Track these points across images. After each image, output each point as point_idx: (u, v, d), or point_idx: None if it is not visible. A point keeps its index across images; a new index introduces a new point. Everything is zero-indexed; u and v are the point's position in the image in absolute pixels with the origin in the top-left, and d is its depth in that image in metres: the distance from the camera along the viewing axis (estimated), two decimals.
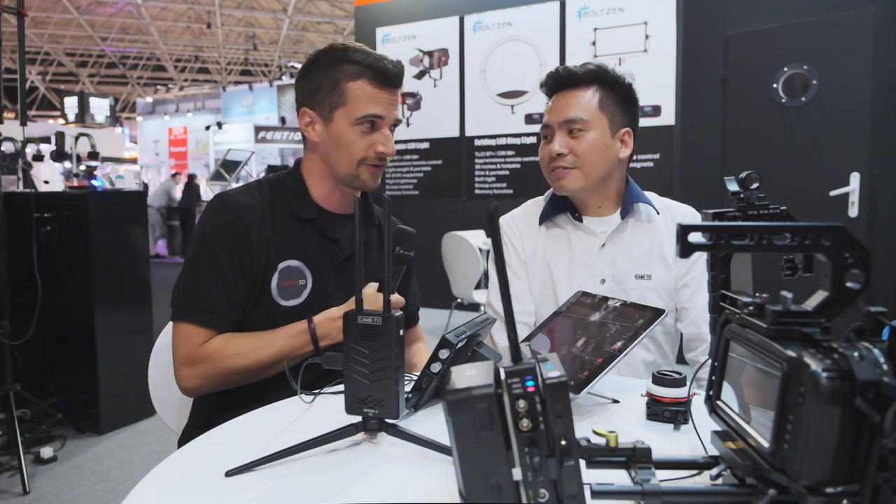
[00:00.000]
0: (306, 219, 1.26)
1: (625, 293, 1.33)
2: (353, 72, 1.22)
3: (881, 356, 0.46)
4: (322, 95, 1.24)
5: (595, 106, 1.34)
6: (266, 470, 0.76)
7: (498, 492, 0.50)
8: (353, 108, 1.22)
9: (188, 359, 1.16)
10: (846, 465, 0.46)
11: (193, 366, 1.16)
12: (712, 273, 0.76)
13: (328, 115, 1.24)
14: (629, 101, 1.38)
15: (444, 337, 0.96)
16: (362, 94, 1.22)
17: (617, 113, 1.35)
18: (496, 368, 0.53)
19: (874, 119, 3.36)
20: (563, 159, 1.34)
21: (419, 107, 5.51)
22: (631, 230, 1.39)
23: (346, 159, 1.24)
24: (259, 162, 13.09)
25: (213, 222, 1.21)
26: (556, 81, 1.38)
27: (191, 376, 1.16)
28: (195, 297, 1.18)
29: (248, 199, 1.23)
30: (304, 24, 17.08)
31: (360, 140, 1.23)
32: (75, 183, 3.45)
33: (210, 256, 1.19)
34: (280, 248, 1.22)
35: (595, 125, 1.33)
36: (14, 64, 3.23)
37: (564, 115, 1.34)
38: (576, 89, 1.35)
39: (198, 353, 1.16)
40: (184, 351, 1.17)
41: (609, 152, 1.34)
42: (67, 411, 3.06)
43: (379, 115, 1.22)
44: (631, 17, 4.50)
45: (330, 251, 1.27)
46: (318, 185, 1.30)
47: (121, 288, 3.18)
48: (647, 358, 1.36)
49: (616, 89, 1.36)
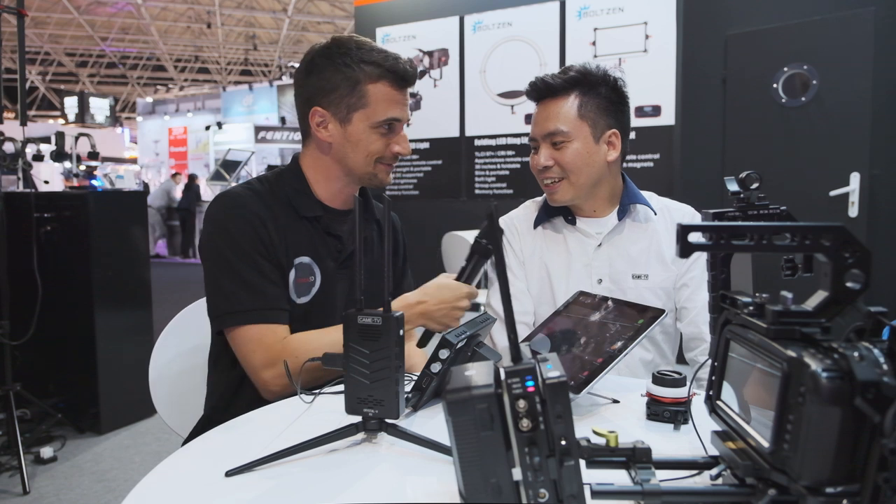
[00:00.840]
0: (311, 217, 1.25)
1: (622, 293, 1.33)
2: (373, 74, 1.20)
3: (881, 356, 0.46)
4: (339, 96, 1.20)
5: (574, 115, 1.33)
6: (266, 470, 0.76)
7: (498, 492, 0.50)
8: (373, 111, 1.21)
9: (268, 361, 1.12)
10: (846, 465, 0.46)
11: (275, 366, 1.11)
12: (712, 273, 0.76)
13: (346, 117, 1.21)
14: (614, 101, 1.36)
15: (444, 337, 0.96)
16: (383, 97, 1.21)
17: (600, 118, 1.34)
18: (496, 368, 0.53)
19: (874, 119, 3.36)
20: (550, 171, 1.35)
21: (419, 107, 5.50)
22: (628, 231, 1.39)
23: (364, 159, 1.23)
24: (259, 162, 13.09)
25: (234, 222, 1.17)
26: (535, 92, 1.37)
27: (275, 377, 1.12)
28: (250, 298, 1.14)
29: (255, 196, 1.21)
30: (304, 24, 17.08)
31: (378, 141, 1.23)
32: (75, 183, 3.45)
33: (245, 256, 1.15)
34: (292, 244, 1.21)
35: (577, 135, 1.32)
36: (14, 64, 3.23)
37: (545, 128, 1.34)
38: (555, 99, 1.34)
39: (277, 352, 1.12)
40: (260, 354, 1.12)
41: (594, 159, 1.34)
42: (67, 411, 3.06)
43: (398, 118, 1.23)
44: (631, 17, 4.50)
45: (334, 248, 1.27)
46: (323, 182, 1.28)
47: (121, 288, 3.18)
48: (645, 357, 1.36)
49: (599, 92, 1.34)
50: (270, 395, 1.14)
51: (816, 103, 3.57)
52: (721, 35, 3.95)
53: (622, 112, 1.37)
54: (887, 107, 3.46)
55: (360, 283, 0.81)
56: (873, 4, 3.37)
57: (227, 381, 1.24)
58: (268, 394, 1.15)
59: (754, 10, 3.89)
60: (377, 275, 1.27)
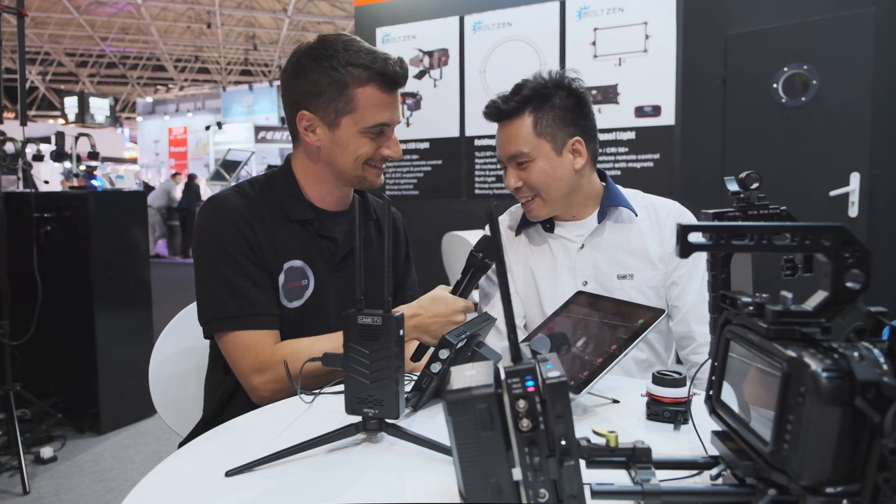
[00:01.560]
0: (302, 220, 1.24)
1: (609, 294, 1.32)
2: (361, 77, 1.16)
3: (881, 356, 0.46)
4: (327, 100, 1.17)
5: (531, 135, 1.31)
6: (266, 470, 0.76)
7: (498, 492, 0.50)
8: (362, 116, 1.18)
9: (262, 365, 1.12)
10: (846, 465, 0.46)
11: (265, 372, 1.12)
12: (712, 273, 0.76)
13: (334, 121, 1.19)
14: (572, 108, 1.33)
15: (444, 337, 0.96)
16: (372, 101, 1.18)
17: (558, 130, 1.32)
18: (496, 368, 0.53)
19: (874, 119, 3.36)
20: (521, 192, 1.35)
21: (419, 107, 5.50)
22: (609, 232, 1.38)
23: (353, 162, 1.21)
24: (259, 162, 13.09)
25: (221, 227, 1.17)
26: (491, 115, 1.36)
27: (267, 381, 1.12)
28: (237, 304, 1.14)
29: (243, 200, 1.20)
30: (304, 24, 17.07)
31: (367, 145, 1.21)
32: (75, 183, 3.45)
33: (232, 262, 1.15)
34: (282, 248, 1.20)
35: (537, 153, 1.31)
36: (14, 64, 3.23)
37: (507, 151, 1.34)
38: (510, 121, 1.33)
39: (272, 358, 1.12)
40: (249, 360, 1.13)
41: (561, 172, 1.33)
42: (67, 411, 3.06)
43: (388, 122, 1.21)
44: (631, 17, 4.50)
45: (328, 250, 1.26)
46: (314, 185, 1.27)
47: (121, 288, 3.18)
48: (639, 357, 1.36)
49: (553, 103, 1.32)
50: (260, 399, 1.14)
51: (816, 103, 3.57)
52: (721, 35, 3.95)
53: (582, 116, 1.35)
54: (887, 107, 3.46)
55: (361, 283, 0.81)
56: (873, 4, 3.38)
57: (225, 384, 1.23)
58: (258, 399, 1.15)
59: (754, 10, 3.90)
60: (376, 274, 1.25)
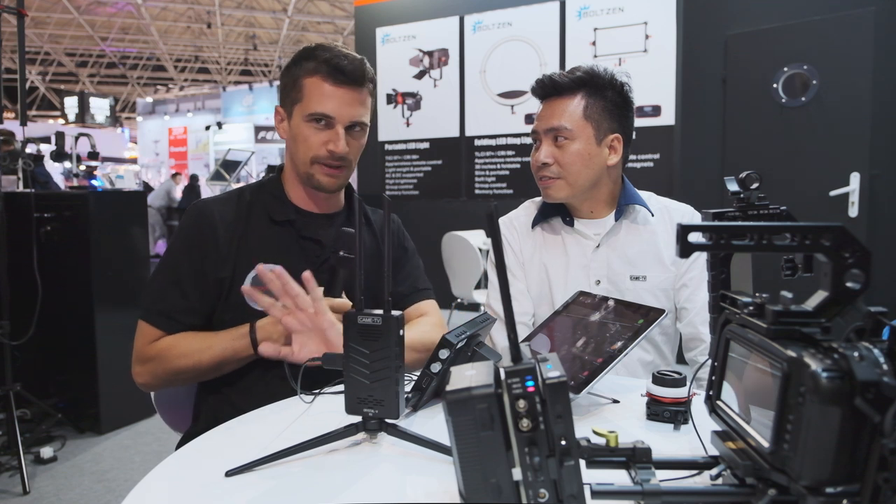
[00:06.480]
0: (283, 221, 1.26)
1: (620, 294, 1.32)
2: (309, 68, 1.23)
3: (881, 356, 0.46)
4: (286, 92, 1.27)
5: (580, 115, 1.32)
6: (266, 470, 0.76)
7: (498, 492, 0.50)
8: (306, 104, 1.23)
9: (139, 356, 1.21)
10: (846, 465, 0.46)
11: (143, 363, 1.20)
12: (712, 273, 0.76)
13: (290, 111, 1.26)
14: (620, 106, 1.35)
15: (444, 337, 0.96)
16: (316, 90, 1.22)
17: (604, 120, 1.33)
18: (496, 368, 0.52)
19: (874, 119, 3.36)
20: (548, 169, 1.34)
21: (419, 107, 5.50)
22: (625, 232, 1.38)
23: (302, 156, 1.25)
24: (259, 162, 13.09)
25: (183, 229, 1.25)
26: (541, 90, 1.37)
27: (141, 372, 1.21)
28: (153, 298, 1.22)
29: (221, 206, 1.26)
30: (304, 24, 17.07)
31: (313, 136, 1.23)
32: (75, 183, 3.45)
33: (172, 262, 1.23)
34: (254, 252, 1.21)
35: (579, 135, 1.32)
36: (14, 64, 3.23)
37: (549, 123, 1.34)
38: (561, 98, 1.34)
39: (147, 351, 1.19)
40: (137, 347, 1.21)
41: (594, 161, 1.33)
42: (67, 411, 3.06)
43: (327, 114, 1.21)
44: (631, 17, 4.50)
45: (311, 252, 1.26)
46: (293, 186, 1.31)
47: (121, 288, 3.18)
48: (644, 358, 1.36)
49: (605, 95, 1.33)
50: (138, 386, 1.23)
51: (816, 103, 3.57)
52: (721, 35, 3.95)
53: (626, 117, 1.36)
54: (887, 107, 3.46)
55: (361, 283, 0.81)
56: (873, 4, 3.38)
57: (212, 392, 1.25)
58: (137, 385, 1.23)
59: (754, 10, 3.90)
60: (368, 275, 1.24)
